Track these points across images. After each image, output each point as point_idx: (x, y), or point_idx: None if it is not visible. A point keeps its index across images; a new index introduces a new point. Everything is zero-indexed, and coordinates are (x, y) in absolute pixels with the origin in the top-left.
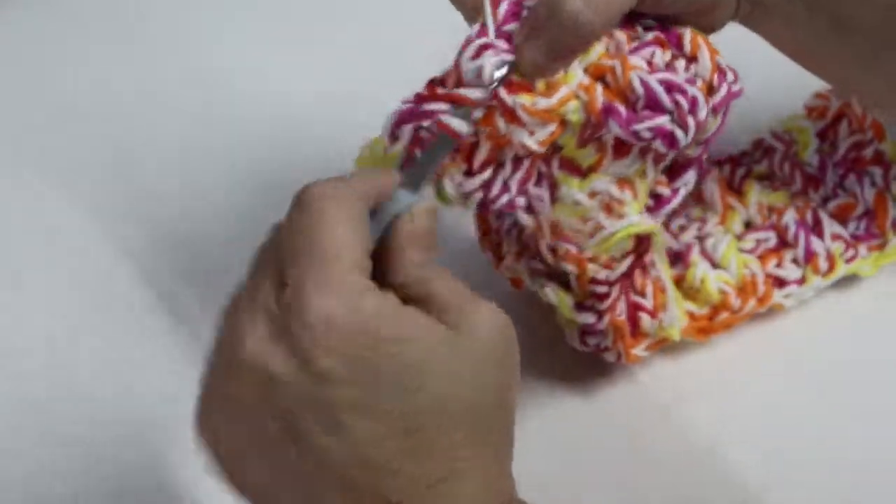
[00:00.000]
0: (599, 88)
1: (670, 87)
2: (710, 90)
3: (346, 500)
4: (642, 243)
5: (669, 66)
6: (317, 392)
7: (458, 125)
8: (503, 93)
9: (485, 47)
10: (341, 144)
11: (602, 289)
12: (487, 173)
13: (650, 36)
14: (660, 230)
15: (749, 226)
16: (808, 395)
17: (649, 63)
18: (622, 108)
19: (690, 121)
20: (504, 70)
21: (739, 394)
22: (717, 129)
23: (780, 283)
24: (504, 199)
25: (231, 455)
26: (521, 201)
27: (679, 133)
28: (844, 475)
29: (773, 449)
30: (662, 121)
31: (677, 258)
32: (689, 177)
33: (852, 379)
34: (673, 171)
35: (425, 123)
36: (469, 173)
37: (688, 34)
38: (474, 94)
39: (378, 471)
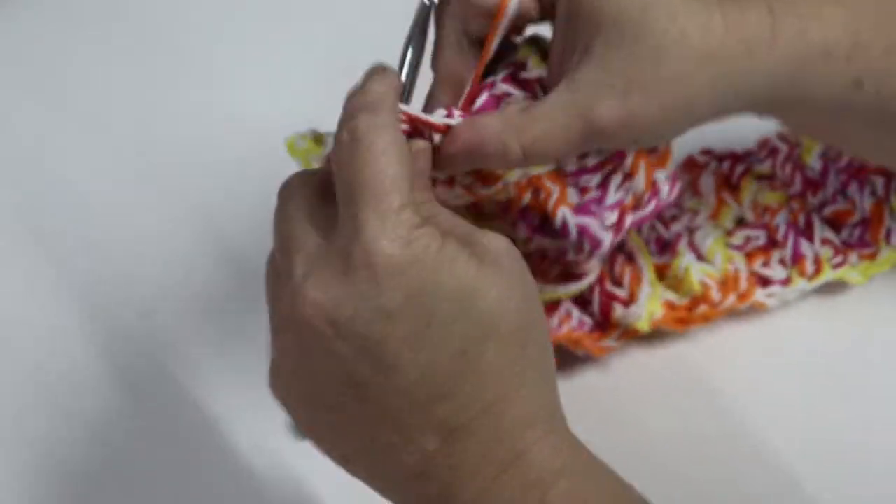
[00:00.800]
0: (528, 197)
1: (583, 232)
2: (638, 203)
3: (404, 435)
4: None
5: (604, 184)
6: (378, 329)
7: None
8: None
9: None
10: None
11: None
12: None
13: (594, 161)
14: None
15: (741, 222)
16: (793, 391)
17: (583, 188)
18: (536, 219)
19: (584, 259)
20: None
21: (719, 388)
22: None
23: (765, 282)
24: None
25: (301, 410)
26: None
27: (571, 255)
28: (828, 467)
29: (760, 441)
30: (562, 244)
31: (666, 247)
32: (595, 265)
33: (834, 379)
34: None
35: None
36: None
37: (630, 157)
38: None
39: (437, 396)
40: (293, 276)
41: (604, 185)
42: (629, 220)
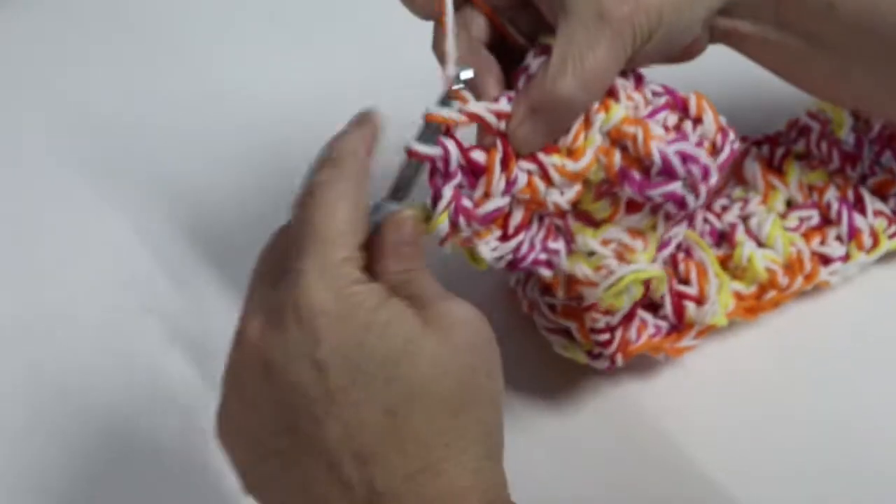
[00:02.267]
0: (618, 155)
1: (685, 158)
2: (714, 149)
3: (337, 487)
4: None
5: (679, 128)
6: (306, 377)
7: (425, 149)
8: (542, 154)
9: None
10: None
11: (604, 336)
12: (521, 236)
13: (662, 100)
14: (664, 276)
15: (791, 204)
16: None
17: (664, 127)
18: (637, 174)
19: (702, 188)
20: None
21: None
22: (714, 185)
23: (825, 260)
24: (531, 257)
25: (243, 456)
26: (542, 257)
27: (690, 198)
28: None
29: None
30: (675, 187)
31: (722, 238)
32: (681, 229)
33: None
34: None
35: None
36: (504, 238)
37: (693, 98)
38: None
39: (362, 456)
40: (245, 312)
41: (679, 129)
42: (714, 164)
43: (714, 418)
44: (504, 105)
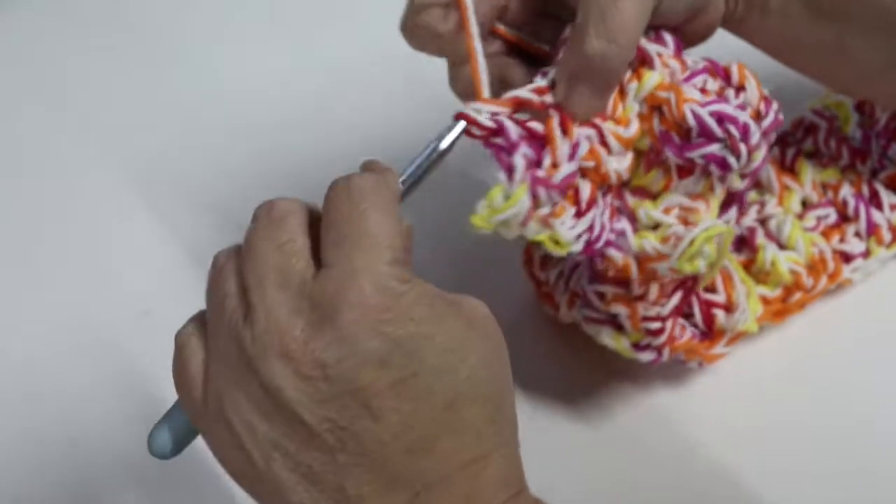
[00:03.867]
0: (656, 119)
1: (721, 118)
2: (758, 117)
3: (375, 488)
4: (688, 279)
5: (720, 95)
6: (367, 373)
7: (483, 120)
8: (598, 120)
9: None
10: (335, 141)
11: (655, 325)
12: (594, 211)
13: (701, 64)
14: (732, 231)
15: (806, 204)
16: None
17: (702, 90)
18: (676, 137)
19: (742, 147)
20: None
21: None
22: (762, 160)
23: (846, 257)
24: (604, 236)
25: (246, 455)
26: (612, 237)
27: (731, 159)
28: None
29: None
30: (714, 148)
31: (742, 243)
32: (732, 213)
33: None
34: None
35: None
36: (578, 214)
37: (735, 67)
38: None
39: (417, 450)
40: (276, 313)
41: (720, 95)
42: (761, 126)
43: (743, 422)
44: (540, 81)
